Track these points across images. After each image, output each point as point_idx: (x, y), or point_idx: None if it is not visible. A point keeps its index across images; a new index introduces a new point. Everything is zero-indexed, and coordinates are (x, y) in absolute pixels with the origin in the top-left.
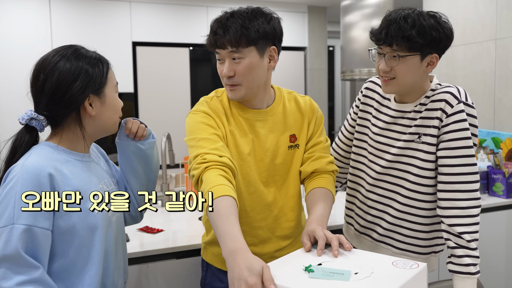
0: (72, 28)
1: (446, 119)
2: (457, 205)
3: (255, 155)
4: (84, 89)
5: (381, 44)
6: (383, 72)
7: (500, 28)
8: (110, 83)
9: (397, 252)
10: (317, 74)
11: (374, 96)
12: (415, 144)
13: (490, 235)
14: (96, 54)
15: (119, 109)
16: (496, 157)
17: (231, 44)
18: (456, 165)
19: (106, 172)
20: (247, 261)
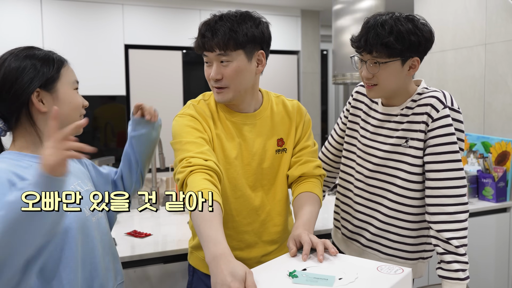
0: (64, 31)
1: (431, 124)
2: (444, 210)
3: (242, 159)
4: (29, 83)
5: (361, 52)
6: (365, 79)
7: (490, 33)
8: (64, 79)
9: (384, 257)
10: (310, 77)
11: (364, 99)
12: (402, 148)
13: (479, 239)
14: (49, 52)
15: (78, 106)
16: (486, 161)
17: (219, 47)
18: (442, 170)
19: (79, 173)
20: (230, 266)
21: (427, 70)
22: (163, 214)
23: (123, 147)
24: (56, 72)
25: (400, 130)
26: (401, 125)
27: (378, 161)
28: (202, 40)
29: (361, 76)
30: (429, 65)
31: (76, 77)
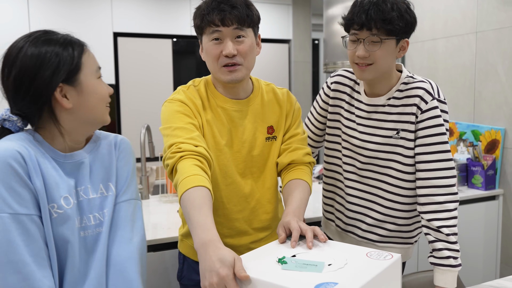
0: (51, 18)
1: (421, 115)
2: (434, 200)
3: (232, 146)
4: (50, 79)
5: (358, 29)
6: (361, 58)
7: (481, 21)
8: (86, 68)
9: (380, 245)
10: (302, 67)
11: (345, 89)
12: (394, 140)
13: (468, 227)
14: (66, 36)
15: (105, 96)
16: (476, 149)
17: (238, 21)
18: (432, 161)
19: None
20: (219, 252)
21: (418, 58)
22: (153, 203)
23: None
24: (78, 61)
25: (390, 122)
26: (390, 116)
27: (369, 153)
28: (220, 14)
29: (353, 56)
30: (420, 54)
31: (98, 62)
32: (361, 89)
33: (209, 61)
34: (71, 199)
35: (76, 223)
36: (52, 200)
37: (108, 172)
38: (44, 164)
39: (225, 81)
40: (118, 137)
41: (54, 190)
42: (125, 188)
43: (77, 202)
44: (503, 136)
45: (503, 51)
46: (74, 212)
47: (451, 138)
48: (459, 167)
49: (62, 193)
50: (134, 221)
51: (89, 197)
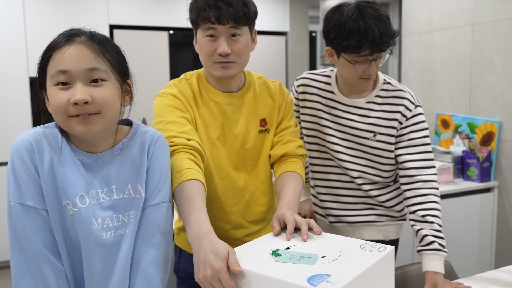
0: (47, 10)
1: (405, 122)
2: (420, 193)
3: (225, 139)
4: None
5: (370, 53)
6: (369, 75)
7: (477, 13)
8: (48, 75)
9: (378, 224)
10: (298, 59)
11: (313, 91)
12: (370, 141)
13: (463, 219)
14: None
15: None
16: (471, 142)
17: (234, 20)
18: (417, 160)
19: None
20: (213, 245)
21: (415, 51)
22: None
23: None
24: (40, 68)
25: (368, 124)
26: (369, 119)
27: (348, 151)
28: (216, 12)
29: (365, 73)
30: (416, 46)
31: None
32: (335, 88)
33: (203, 56)
34: (87, 199)
35: (95, 223)
36: (67, 197)
37: (138, 173)
38: (62, 159)
39: (217, 76)
40: (155, 135)
41: (69, 188)
42: (158, 190)
43: (97, 203)
44: (498, 129)
45: (500, 43)
46: (90, 212)
47: (448, 130)
48: (454, 159)
49: (78, 191)
50: (165, 225)
51: (113, 198)
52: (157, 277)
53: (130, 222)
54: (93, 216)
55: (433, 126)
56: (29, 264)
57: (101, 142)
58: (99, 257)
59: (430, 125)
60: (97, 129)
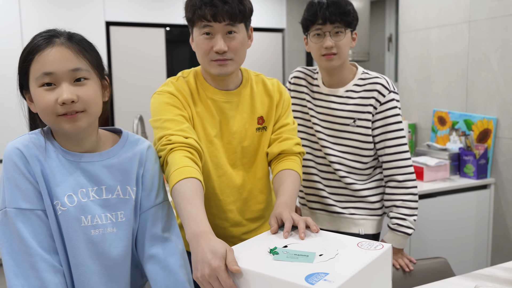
0: (43, 6)
1: (380, 107)
2: (394, 179)
3: (223, 137)
4: (18, 83)
5: (322, 24)
6: (328, 49)
7: (474, 11)
8: (32, 76)
9: (356, 217)
10: (295, 56)
11: (302, 82)
12: (351, 127)
13: (460, 216)
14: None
15: (44, 107)
16: (468, 139)
17: (230, 18)
18: (391, 146)
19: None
20: (211, 244)
21: (411, 47)
22: None
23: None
24: (22, 70)
25: (348, 111)
26: (347, 106)
27: (329, 138)
28: (212, 9)
29: (322, 49)
30: (413, 43)
31: (48, 66)
32: (319, 82)
33: (199, 54)
34: (75, 198)
35: (84, 221)
36: (56, 197)
37: (128, 176)
38: (49, 161)
39: (214, 74)
40: (145, 144)
41: (57, 188)
42: (157, 191)
43: (87, 201)
44: (495, 126)
45: (496, 40)
46: (78, 210)
47: (444, 127)
48: (451, 156)
49: (66, 191)
50: (171, 219)
51: (102, 197)
52: (176, 264)
53: (119, 222)
54: (82, 214)
55: (430, 123)
56: (24, 266)
57: (85, 138)
58: (88, 254)
59: (427, 122)
60: (84, 125)
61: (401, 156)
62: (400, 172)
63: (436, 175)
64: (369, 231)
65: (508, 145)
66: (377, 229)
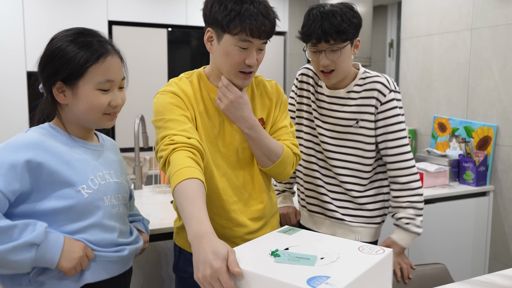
0: (46, 6)
1: (380, 107)
2: (398, 181)
3: (224, 138)
4: (53, 74)
5: (317, 42)
6: (324, 67)
7: (476, 18)
8: (89, 77)
9: (354, 225)
10: (297, 59)
11: (309, 81)
12: (354, 129)
13: (459, 222)
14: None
15: (97, 107)
16: (468, 146)
17: (268, 36)
18: (395, 146)
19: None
20: (213, 245)
21: (413, 54)
22: (146, 194)
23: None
24: (81, 68)
25: (350, 113)
26: (350, 107)
27: (332, 141)
28: (262, 28)
29: (318, 65)
30: (415, 49)
31: (112, 75)
32: (323, 83)
33: (226, 63)
34: (97, 181)
35: (106, 200)
36: (81, 182)
37: (119, 164)
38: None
39: (236, 85)
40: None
41: (81, 173)
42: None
43: (105, 183)
44: (495, 133)
45: (498, 48)
46: (101, 192)
47: (444, 134)
48: (451, 162)
49: (89, 175)
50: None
51: (114, 180)
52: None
53: (122, 204)
54: (104, 195)
55: (430, 129)
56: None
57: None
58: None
59: (427, 128)
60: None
61: (403, 157)
62: (403, 174)
63: (436, 181)
64: (366, 239)
65: (508, 153)
66: (374, 237)
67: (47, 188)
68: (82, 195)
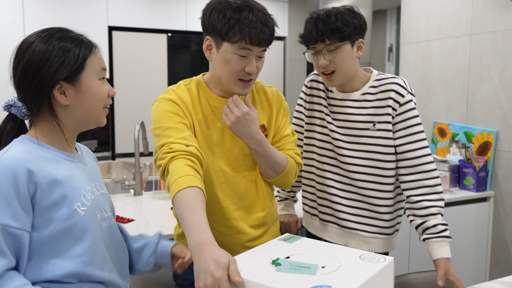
0: (46, 11)
1: (399, 108)
2: (424, 184)
3: (224, 144)
4: (52, 76)
5: (314, 43)
6: (323, 68)
7: (475, 24)
8: (89, 69)
9: (367, 235)
10: (296, 64)
11: (320, 86)
12: (371, 132)
13: (459, 228)
14: (78, 36)
15: (103, 98)
16: (468, 151)
17: (267, 43)
18: (417, 149)
19: (96, 175)
20: (214, 254)
21: (413, 59)
22: (146, 200)
23: (107, 131)
24: (81, 62)
25: (366, 115)
26: (366, 109)
27: (348, 145)
28: (261, 36)
29: (318, 66)
30: (414, 54)
31: (104, 63)
32: (333, 87)
33: (227, 71)
34: (88, 196)
35: (98, 215)
36: (75, 200)
37: (100, 173)
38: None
39: (235, 93)
40: (83, 146)
41: (73, 191)
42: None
43: (95, 197)
44: (495, 139)
45: (497, 54)
46: (93, 207)
47: (444, 139)
48: (451, 168)
49: (81, 191)
50: None
51: (100, 192)
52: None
53: (113, 215)
54: (96, 209)
55: (430, 135)
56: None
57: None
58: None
59: (427, 134)
60: None
61: (426, 159)
62: (429, 176)
63: None
64: (380, 250)
65: (508, 158)
66: (388, 248)
67: (41, 212)
68: (79, 213)
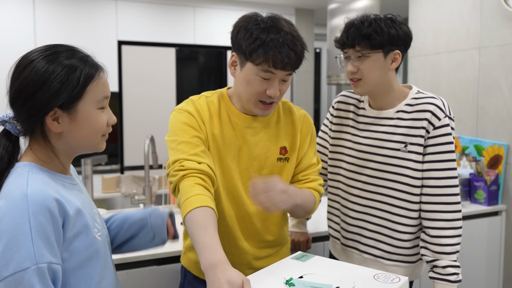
0: (57, 26)
1: (433, 131)
2: (442, 217)
3: (239, 163)
4: (46, 102)
5: (345, 48)
6: (350, 74)
7: (484, 37)
8: (88, 97)
9: (387, 263)
10: (303, 76)
11: (349, 108)
12: (401, 153)
13: (471, 242)
14: (83, 57)
15: (100, 128)
16: (478, 164)
17: (293, 68)
18: (441, 177)
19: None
20: (227, 274)
21: (421, 72)
22: None
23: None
24: (80, 90)
25: (398, 134)
26: (399, 129)
27: (377, 165)
28: (286, 60)
29: (347, 72)
30: (423, 68)
31: (108, 90)
32: (366, 104)
33: (247, 91)
34: (98, 218)
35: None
36: (93, 225)
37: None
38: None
39: (255, 114)
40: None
41: (87, 216)
42: None
43: (96, 218)
44: (506, 152)
45: (507, 67)
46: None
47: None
48: (462, 181)
49: (92, 216)
50: None
51: (96, 211)
52: None
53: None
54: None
55: None
56: None
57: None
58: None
59: None
60: None
61: (450, 191)
62: (449, 210)
63: None
64: (412, 278)
65: None
66: (410, 276)
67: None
68: (97, 239)
